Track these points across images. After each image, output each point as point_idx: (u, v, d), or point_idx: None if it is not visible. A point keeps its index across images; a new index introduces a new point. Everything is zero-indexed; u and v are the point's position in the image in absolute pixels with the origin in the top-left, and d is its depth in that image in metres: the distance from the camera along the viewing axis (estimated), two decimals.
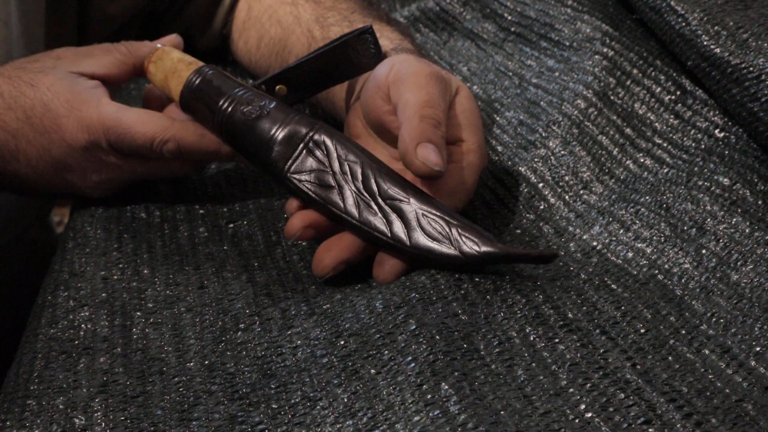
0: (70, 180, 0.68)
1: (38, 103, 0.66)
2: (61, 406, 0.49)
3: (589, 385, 0.45)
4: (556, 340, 0.49)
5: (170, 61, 0.68)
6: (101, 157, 0.67)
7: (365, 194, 0.58)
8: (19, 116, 0.66)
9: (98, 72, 0.69)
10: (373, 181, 0.58)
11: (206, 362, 0.53)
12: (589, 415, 0.43)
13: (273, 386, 0.50)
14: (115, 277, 0.61)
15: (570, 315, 0.51)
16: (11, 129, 0.66)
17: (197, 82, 0.64)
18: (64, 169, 0.68)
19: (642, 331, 0.50)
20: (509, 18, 0.85)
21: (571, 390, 0.45)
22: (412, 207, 0.57)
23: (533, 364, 0.47)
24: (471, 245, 0.55)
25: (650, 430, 0.42)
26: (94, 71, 0.68)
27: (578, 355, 0.48)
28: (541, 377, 0.46)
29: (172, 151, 0.66)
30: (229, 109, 0.62)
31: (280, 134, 0.60)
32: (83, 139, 0.66)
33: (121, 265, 0.62)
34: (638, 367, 0.46)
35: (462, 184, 0.60)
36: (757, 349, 0.47)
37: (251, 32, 0.87)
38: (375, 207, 0.57)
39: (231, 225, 0.68)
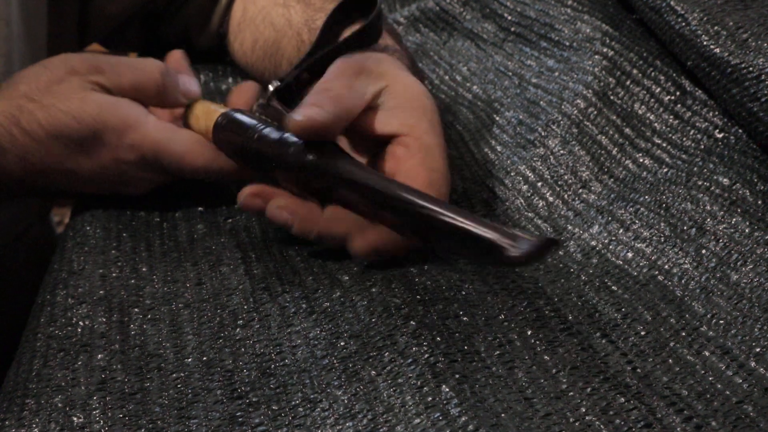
0: (119, 190, 0.70)
1: (87, 132, 0.66)
2: (59, 405, 0.49)
3: (589, 389, 0.45)
4: (557, 344, 0.49)
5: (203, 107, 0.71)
6: (151, 174, 0.69)
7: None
8: (68, 143, 0.66)
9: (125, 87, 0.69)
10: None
11: (204, 358, 0.53)
12: (590, 418, 0.43)
13: (273, 386, 0.50)
14: (114, 274, 0.61)
15: (570, 317, 0.51)
16: (60, 153, 0.67)
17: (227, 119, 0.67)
18: (113, 184, 0.69)
19: (642, 333, 0.50)
20: (509, 18, 0.85)
21: (572, 393, 0.45)
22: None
23: (534, 367, 0.47)
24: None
25: None
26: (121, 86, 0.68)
27: (578, 358, 0.48)
28: (542, 380, 0.46)
29: (214, 178, 0.68)
30: (255, 135, 0.62)
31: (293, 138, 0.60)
32: (136, 161, 0.67)
33: (119, 263, 0.62)
34: (638, 370, 0.46)
35: (434, 171, 0.58)
36: (757, 350, 0.47)
37: (246, 34, 0.87)
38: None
39: (229, 220, 0.68)
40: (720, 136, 0.65)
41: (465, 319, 0.52)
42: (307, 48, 0.74)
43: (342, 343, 0.52)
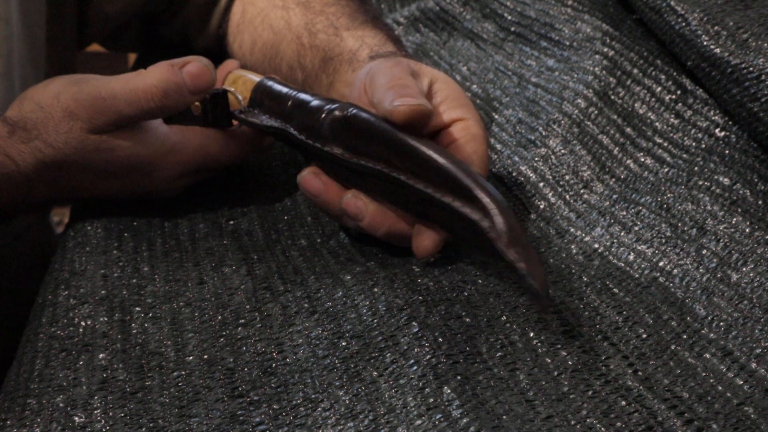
0: (151, 196, 0.70)
1: (123, 167, 0.66)
2: (61, 405, 0.49)
3: (591, 392, 0.45)
4: (558, 346, 0.49)
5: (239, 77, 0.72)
6: (187, 179, 0.70)
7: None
8: (101, 175, 0.67)
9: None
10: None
11: (205, 357, 0.53)
12: (591, 421, 0.43)
13: (274, 385, 0.50)
14: (115, 274, 0.61)
15: (572, 320, 0.51)
16: (97, 170, 0.67)
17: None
18: (146, 194, 0.70)
19: (644, 336, 0.50)
20: (509, 18, 0.85)
21: (573, 396, 0.45)
22: None
23: (535, 369, 0.47)
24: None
25: None
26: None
27: (580, 361, 0.48)
28: (544, 382, 0.46)
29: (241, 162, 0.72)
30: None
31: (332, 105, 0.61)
32: (173, 177, 0.68)
33: (121, 263, 0.62)
34: (639, 373, 0.47)
35: (475, 153, 0.60)
36: (758, 351, 0.47)
37: (245, 35, 0.87)
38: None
39: (231, 222, 0.68)
40: (721, 135, 0.65)
41: (467, 320, 0.52)
42: (309, 53, 0.74)
43: (344, 343, 0.52)
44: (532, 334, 0.50)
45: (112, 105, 0.64)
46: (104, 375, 0.51)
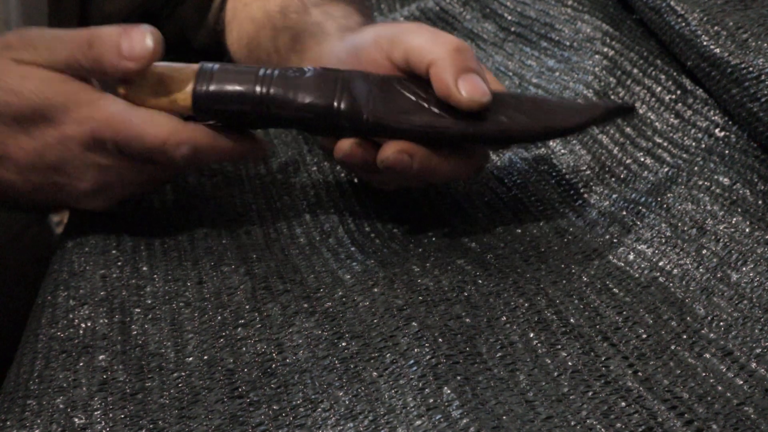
0: (63, 185, 0.63)
1: (27, 108, 0.60)
2: (61, 406, 0.49)
3: (590, 392, 0.45)
4: (558, 347, 0.49)
5: (152, 75, 0.61)
6: (102, 159, 0.62)
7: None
8: (7, 122, 0.60)
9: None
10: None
11: (205, 357, 0.53)
12: (591, 422, 0.43)
13: (273, 385, 0.50)
14: (114, 275, 0.61)
15: (572, 320, 0.51)
16: (5, 112, 0.60)
17: (210, 80, 0.60)
18: (56, 173, 0.62)
19: (644, 336, 0.50)
20: (509, 18, 0.85)
21: (573, 397, 0.45)
22: None
23: (535, 370, 0.47)
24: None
25: None
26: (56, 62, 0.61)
27: (580, 362, 0.48)
28: (543, 383, 0.46)
29: (186, 156, 0.61)
30: (270, 89, 0.59)
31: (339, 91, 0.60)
32: (85, 139, 0.60)
33: (119, 263, 0.62)
34: (639, 374, 0.47)
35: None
36: (758, 351, 0.47)
37: (234, 32, 0.87)
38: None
39: (230, 222, 0.68)
40: (721, 134, 0.65)
41: (467, 320, 0.52)
42: (281, 35, 0.73)
43: (343, 344, 0.52)
44: (532, 335, 0.50)
45: (48, 44, 0.60)
46: (104, 376, 0.52)
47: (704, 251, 0.55)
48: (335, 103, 0.59)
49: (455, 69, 0.57)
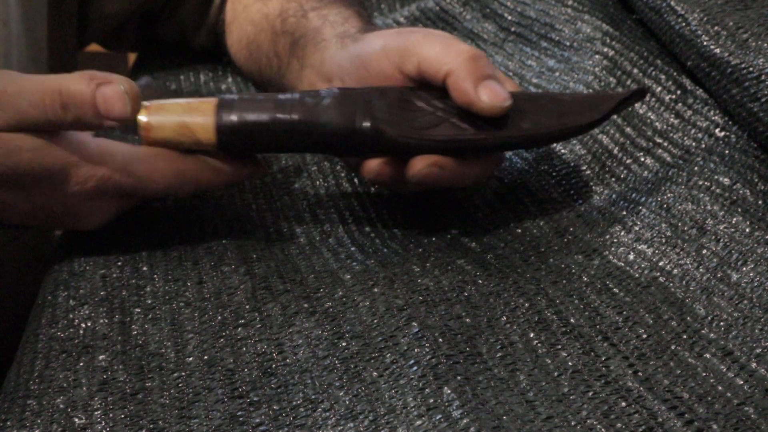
0: (66, 224, 0.63)
1: (25, 176, 0.58)
2: (61, 406, 0.49)
3: (591, 392, 0.45)
4: (558, 347, 0.49)
5: (171, 112, 0.60)
6: (107, 203, 0.62)
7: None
8: (10, 176, 0.57)
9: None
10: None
11: (205, 357, 0.52)
12: (591, 422, 0.43)
13: (274, 385, 0.50)
14: (114, 275, 0.61)
15: (572, 320, 0.51)
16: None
17: (232, 113, 0.59)
18: (58, 218, 0.62)
19: (644, 336, 0.50)
20: (509, 18, 0.85)
21: (573, 397, 0.45)
22: None
23: (535, 370, 0.47)
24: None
25: None
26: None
27: (580, 362, 0.48)
28: (544, 383, 0.46)
29: (190, 192, 0.62)
30: (293, 115, 0.59)
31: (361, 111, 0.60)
32: (89, 194, 0.60)
33: (119, 263, 0.62)
34: (640, 374, 0.47)
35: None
36: (758, 351, 0.47)
37: (234, 34, 0.87)
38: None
39: (230, 222, 0.68)
40: (721, 134, 0.65)
41: (467, 320, 0.52)
42: (280, 39, 0.73)
43: (344, 344, 0.52)
44: (532, 335, 0.50)
45: (15, 103, 0.56)
46: (104, 376, 0.51)
47: (704, 251, 0.55)
48: (357, 125, 0.59)
49: (473, 77, 0.58)
